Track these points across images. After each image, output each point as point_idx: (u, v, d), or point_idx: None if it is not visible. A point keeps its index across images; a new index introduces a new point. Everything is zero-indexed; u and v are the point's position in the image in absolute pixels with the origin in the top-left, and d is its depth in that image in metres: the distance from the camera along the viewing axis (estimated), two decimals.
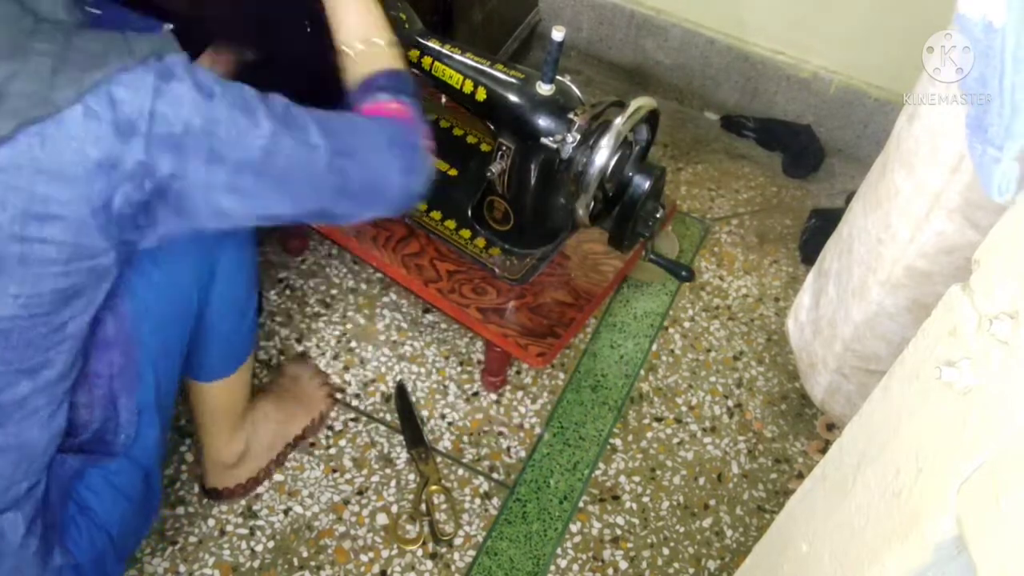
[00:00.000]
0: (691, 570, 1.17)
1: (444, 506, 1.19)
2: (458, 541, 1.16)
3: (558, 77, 1.02)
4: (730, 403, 1.33)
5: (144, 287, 0.82)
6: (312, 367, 1.29)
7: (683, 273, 1.14)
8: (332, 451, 1.22)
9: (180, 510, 1.15)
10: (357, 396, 1.28)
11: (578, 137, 0.99)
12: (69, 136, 0.61)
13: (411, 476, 1.21)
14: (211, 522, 1.15)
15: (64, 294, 0.68)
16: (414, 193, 0.82)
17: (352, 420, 1.26)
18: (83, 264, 0.67)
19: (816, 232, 1.50)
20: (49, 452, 0.78)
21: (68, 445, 0.82)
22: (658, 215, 1.08)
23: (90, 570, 0.84)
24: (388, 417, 1.26)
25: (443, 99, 1.26)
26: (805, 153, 1.65)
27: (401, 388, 1.29)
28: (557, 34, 0.96)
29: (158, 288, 0.83)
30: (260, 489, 1.18)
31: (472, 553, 1.15)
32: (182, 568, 1.11)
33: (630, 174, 1.03)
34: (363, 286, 1.40)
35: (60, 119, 0.60)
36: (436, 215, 1.21)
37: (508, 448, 1.25)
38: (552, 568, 1.15)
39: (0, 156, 0.60)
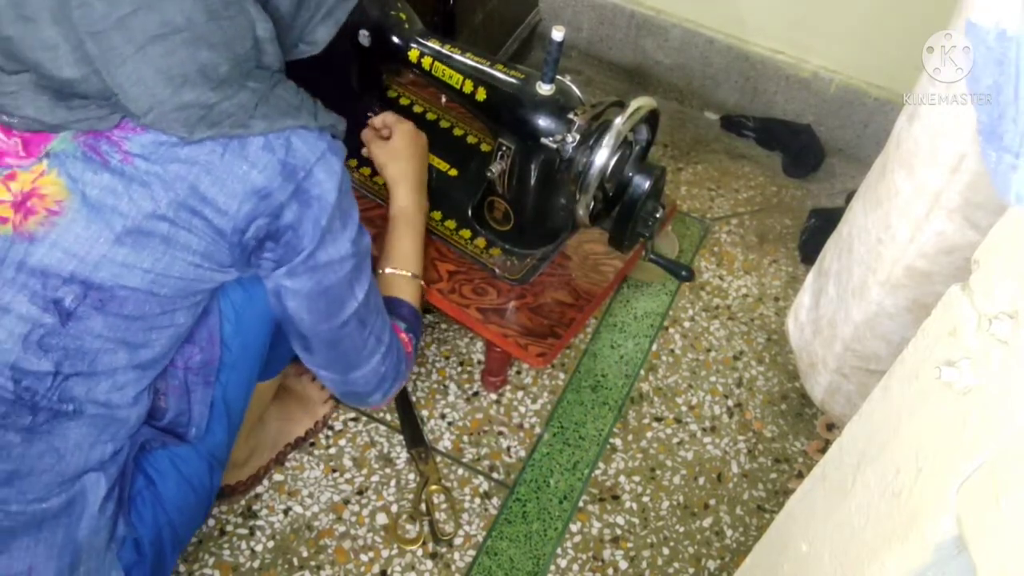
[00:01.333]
0: (691, 570, 1.17)
1: (444, 506, 1.19)
2: (458, 541, 1.16)
3: (558, 77, 1.02)
4: (730, 403, 1.34)
5: (237, 294, 0.85)
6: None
7: (683, 273, 1.14)
8: (332, 451, 1.22)
9: None
10: None
11: (578, 137, 0.99)
12: (245, 157, 0.70)
13: (411, 476, 1.21)
14: (211, 522, 1.15)
15: (188, 286, 0.74)
16: (369, 396, 0.93)
17: (352, 420, 1.26)
18: (214, 269, 0.74)
19: (816, 232, 1.50)
20: (134, 429, 0.80)
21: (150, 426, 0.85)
22: (658, 215, 1.08)
23: (148, 548, 0.85)
24: (388, 417, 1.26)
25: (443, 99, 1.27)
26: (805, 153, 1.65)
27: (401, 388, 1.29)
28: (557, 34, 0.95)
29: (247, 297, 0.86)
30: (260, 489, 1.18)
31: (472, 553, 1.15)
32: (182, 568, 1.11)
33: (630, 174, 1.03)
34: None
35: (245, 142, 0.70)
36: (436, 215, 1.21)
37: (508, 448, 1.25)
38: (552, 568, 1.15)
39: (185, 150, 0.68)
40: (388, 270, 1.03)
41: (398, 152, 1.11)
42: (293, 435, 1.21)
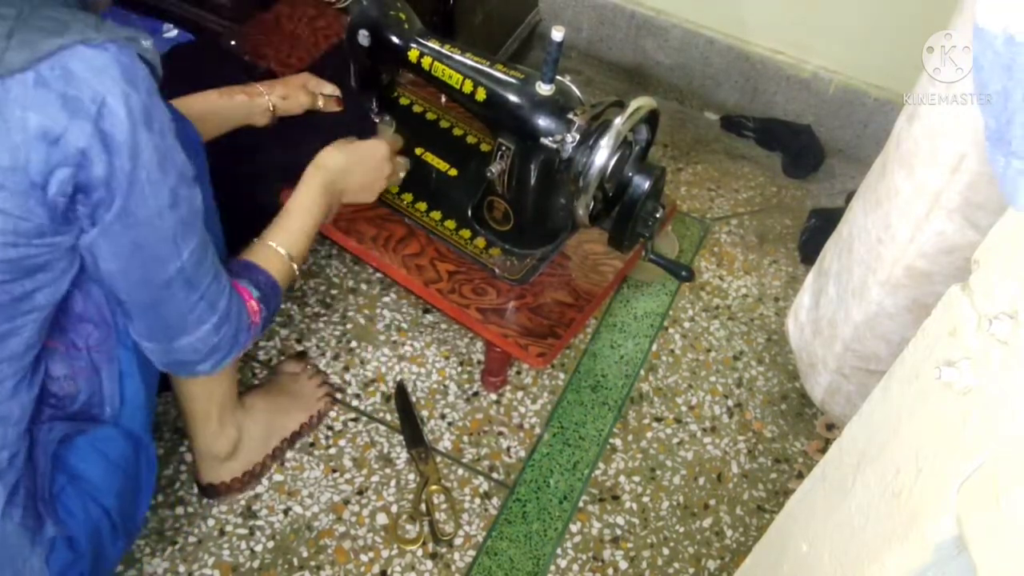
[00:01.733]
0: (691, 570, 1.17)
1: (444, 506, 1.19)
2: (458, 541, 1.16)
3: (558, 77, 1.02)
4: (730, 403, 1.33)
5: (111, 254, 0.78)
6: (310, 366, 1.29)
7: (683, 273, 1.14)
8: (332, 451, 1.22)
9: (180, 510, 1.15)
10: (357, 396, 1.28)
11: (578, 137, 0.99)
12: (14, 101, 0.60)
13: (411, 476, 1.21)
14: (211, 522, 1.15)
15: (20, 265, 0.67)
16: (197, 365, 0.84)
17: (352, 420, 1.26)
18: (38, 238, 0.66)
19: (816, 232, 1.50)
20: (23, 422, 0.77)
21: (56, 417, 0.82)
22: (658, 215, 1.08)
23: (85, 543, 0.82)
24: (388, 417, 1.26)
25: (443, 99, 1.26)
26: (805, 153, 1.65)
27: (401, 388, 1.29)
28: (556, 34, 0.95)
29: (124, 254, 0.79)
30: (260, 489, 1.18)
31: (472, 553, 1.15)
32: (182, 568, 1.11)
33: (630, 174, 1.03)
34: (363, 286, 1.40)
35: (8, 83, 0.59)
36: (436, 215, 1.21)
37: (508, 448, 1.25)
38: (552, 568, 1.15)
39: None
40: (268, 242, 0.95)
41: (347, 147, 1.06)
42: (287, 429, 1.19)
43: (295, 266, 0.97)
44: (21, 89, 0.59)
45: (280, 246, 0.95)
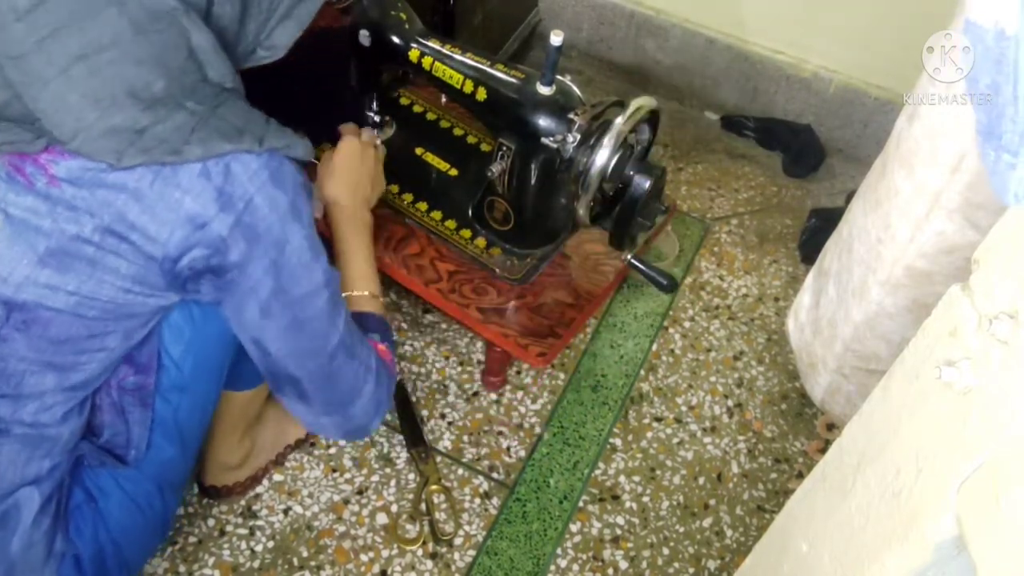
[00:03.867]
0: (691, 570, 1.17)
1: (444, 506, 1.19)
2: (458, 541, 1.16)
3: (558, 77, 1.02)
4: (730, 403, 1.34)
5: (183, 319, 0.82)
6: None
7: (664, 283, 1.10)
8: (332, 451, 1.22)
9: (180, 510, 1.15)
10: None
11: (578, 137, 0.99)
12: (178, 184, 0.66)
13: (411, 476, 1.21)
14: (211, 522, 1.15)
15: (117, 310, 0.72)
16: (369, 425, 0.90)
17: None
18: (146, 294, 0.72)
19: (816, 232, 1.50)
20: (72, 440, 0.79)
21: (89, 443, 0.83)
22: (659, 215, 1.08)
23: (88, 565, 0.83)
24: (388, 417, 1.26)
25: (443, 98, 1.26)
26: (805, 153, 1.65)
27: (401, 388, 1.29)
28: (555, 39, 0.95)
29: (197, 323, 0.83)
30: (260, 489, 1.18)
31: (472, 553, 1.15)
32: (182, 568, 1.11)
33: (631, 174, 1.03)
34: None
35: (178, 168, 0.66)
36: (436, 215, 1.21)
37: (508, 448, 1.25)
38: (552, 568, 1.15)
39: (112, 176, 0.65)
40: (351, 293, 0.98)
41: (333, 170, 1.04)
42: (292, 437, 1.20)
43: (380, 297, 1.00)
44: (188, 177, 0.66)
45: (360, 290, 0.98)
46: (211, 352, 0.86)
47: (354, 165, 1.06)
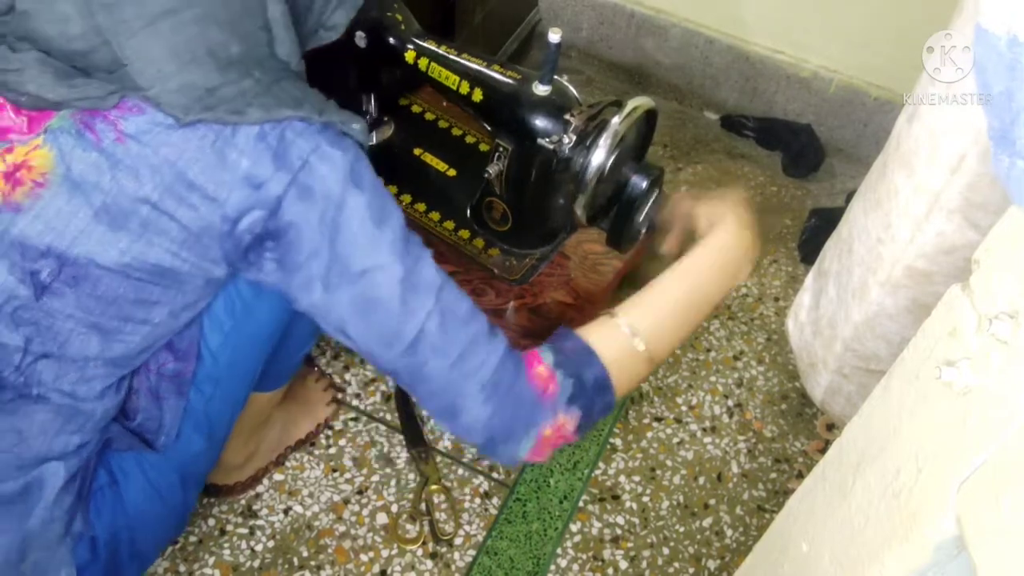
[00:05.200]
0: (691, 570, 1.17)
1: (444, 505, 1.19)
2: (458, 541, 1.16)
3: (556, 77, 1.02)
4: (730, 403, 1.33)
5: (224, 312, 0.82)
6: (317, 371, 1.29)
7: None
8: (332, 451, 1.22)
9: None
10: (357, 396, 1.28)
11: (574, 138, 0.99)
12: (236, 145, 0.67)
13: (411, 476, 1.21)
14: (211, 522, 1.15)
15: (164, 274, 0.71)
16: (501, 453, 0.76)
17: (352, 420, 1.26)
18: (195, 259, 0.71)
19: (816, 232, 1.50)
20: (103, 422, 0.78)
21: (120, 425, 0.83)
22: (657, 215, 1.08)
23: (103, 549, 0.83)
24: (388, 417, 1.26)
25: (443, 101, 1.26)
26: (805, 153, 1.65)
27: (401, 388, 1.29)
28: (553, 37, 0.95)
29: (238, 317, 0.83)
30: (260, 489, 1.18)
31: (472, 552, 1.15)
32: (182, 568, 1.11)
33: (628, 174, 1.03)
34: None
35: (237, 129, 0.67)
36: (435, 216, 1.21)
37: None
38: (552, 568, 1.15)
39: (177, 134, 0.66)
40: (618, 317, 0.81)
41: (730, 201, 0.90)
42: (294, 438, 1.21)
43: (643, 347, 0.79)
44: (245, 138, 0.67)
45: (633, 330, 0.79)
46: (249, 348, 0.87)
47: (748, 224, 0.90)
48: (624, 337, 0.80)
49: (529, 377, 0.76)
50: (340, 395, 1.28)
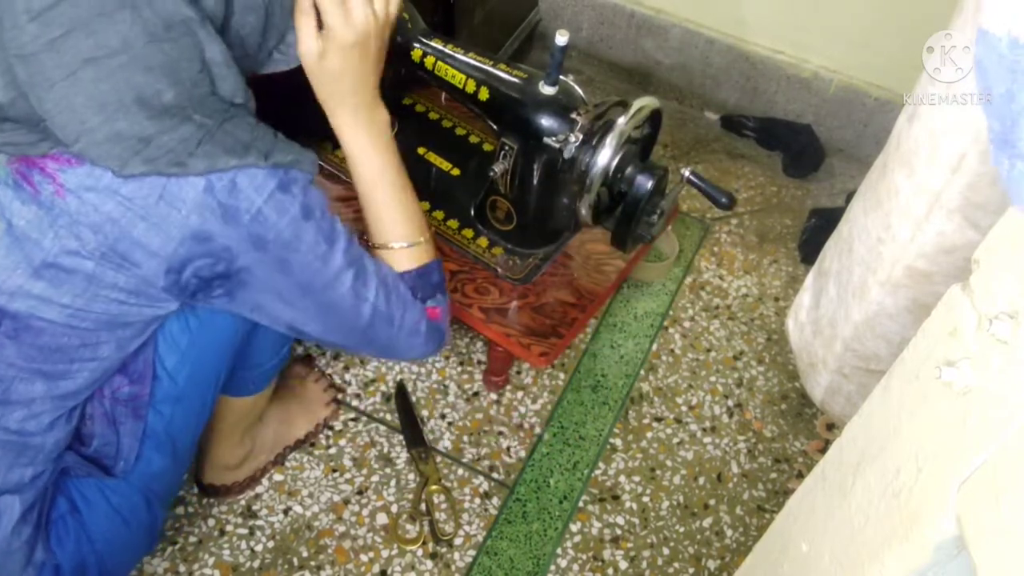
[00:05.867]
0: (691, 570, 1.17)
1: (444, 506, 1.19)
2: (458, 541, 1.16)
3: (560, 77, 1.02)
4: (730, 403, 1.34)
5: (179, 329, 0.82)
6: (317, 371, 1.29)
7: (723, 200, 1.05)
8: (332, 451, 1.22)
9: (180, 510, 1.15)
10: (357, 396, 1.28)
11: (580, 137, 0.99)
12: (184, 201, 0.66)
13: (411, 476, 1.21)
14: (211, 522, 1.15)
15: (111, 320, 0.71)
16: (423, 358, 0.93)
17: (352, 420, 1.26)
18: (143, 304, 0.72)
19: (816, 232, 1.50)
20: (55, 452, 0.78)
21: (75, 452, 0.82)
22: (660, 215, 1.08)
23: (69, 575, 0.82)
24: (388, 417, 1.26)
25: (443, 97, 1.26)
26: (805, 153, 1.65)
27: (401, 388, 1.29)
28: (561, 39, 0.95)
29: (193, 333, 0.83)
30: (260, 489, 1.18)
31: (472, 553, 1.15)
32: (182, 568, 1.11)
33: (633, 174, 1.03)
34: None
35: (184, 183, 0.65)
36: (439, 215, 1.21)
37: (508, 448, 1.25)
38: (552, 568, 1.15)
39: (123, 191, 0.65)
40: (379, 250, 0.89)
41: (323, 71, 0.79)
42: (292, 438, 1.21)
43: (423, 237, 0.90)
44: (192, 192, 0.66)
45: (396, 241, 0.88)
46: (207, 363, 0.86)
47: (352, 62, 0.78)
48: (420, 248, 0.90)
49: (434, 321, 0.90)
50: (340, 395, 1.28)
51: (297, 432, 1.21)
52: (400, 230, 0.89)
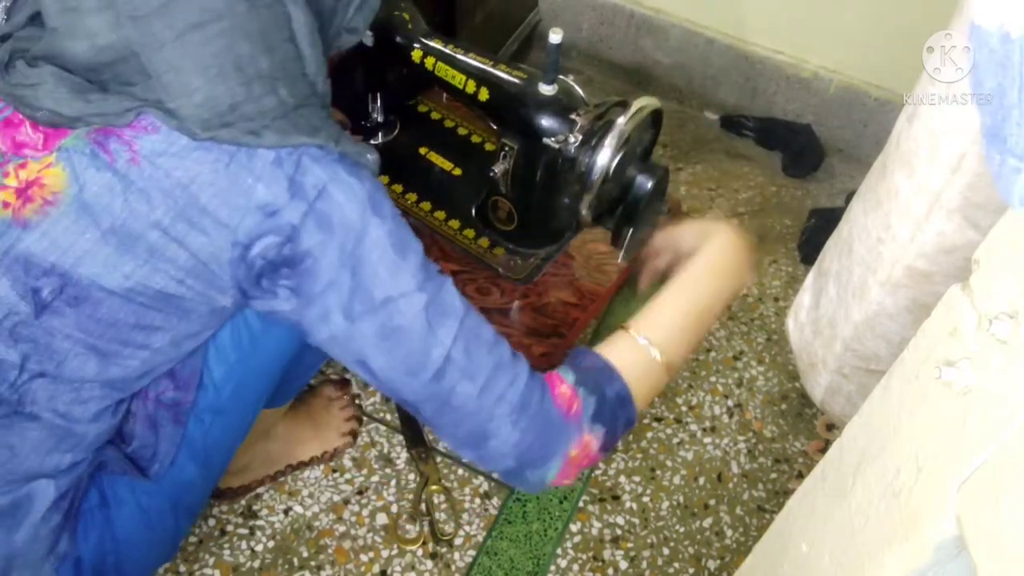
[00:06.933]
0: (691, 570, 1.17)
1: (444, 506, 1.19)
2: (458, 541, 1.16)
3: (560, 77, 1.02)
4: (730, 403, 1.34)
5: (231, 344, 0.82)
6: (347, 399, 1.26)
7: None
8: None
9: None
10: (357, 396, 1.28)
11: (580, 137, 0.99)
12: (251, 170, 0.66)
13: (411, 476, 1.21)
14: (211, 522, 1.15)
15: (167, 301, 0.71)
16: (526, 481, 0.76)
17: None
18: (200, 287, 0.70)
19: (816, 232, 1.50)
20: (99, 441, 0.78)
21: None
22: (661, 216, 1.08)
23: (88, 571, 0.82)
24: (388, 417, 1.27)
25: (444, 97, 1.27)
26: (805, 153, 1.66)
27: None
28: (554, 37, 0.96)
29: (244, 349, 0.82)
30: (260, 489, 1.18)
31: (472, 553, 1.15)
32: (182, 568, 1.11)
33: (633, 174, 1.03)
34: None
35: (253, 153, 0.66)
36: (440, 215, 1.21)
37: None
38: (552, 568, 1.15)
39: (190, 157, 0.65)
40: (631, 331, 0.82)
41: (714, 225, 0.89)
42: (297, 457, 1.19)
43: (660, 356, 0.80)
44: (261, 163, 0.66)
45: (651, 341, 0.80)
46: (253, 380, 0.86)
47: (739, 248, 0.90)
48: (640, 349, 0.81)
49: (554, 397, 0.75)
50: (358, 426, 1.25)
51: (303, 453, 1.19)
52: (661, 334, 0.81)
